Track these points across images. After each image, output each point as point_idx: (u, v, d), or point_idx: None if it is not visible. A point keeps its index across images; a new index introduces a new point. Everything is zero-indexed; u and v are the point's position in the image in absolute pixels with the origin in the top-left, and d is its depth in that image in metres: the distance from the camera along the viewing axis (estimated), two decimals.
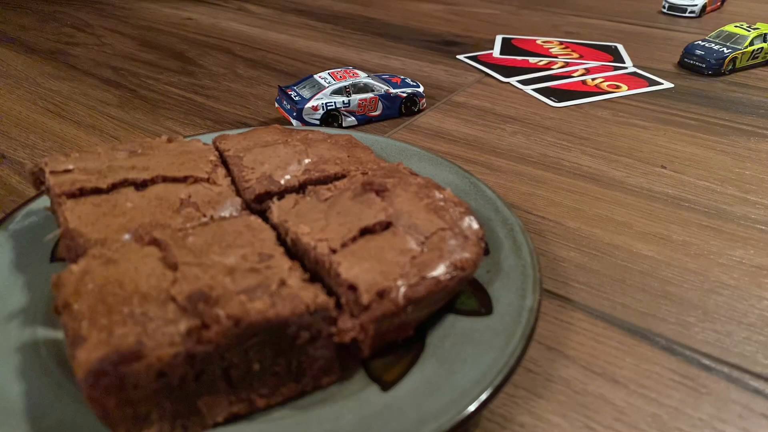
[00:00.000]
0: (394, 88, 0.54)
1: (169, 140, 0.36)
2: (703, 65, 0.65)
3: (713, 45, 0.67)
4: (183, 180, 0.32)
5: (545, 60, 0.69)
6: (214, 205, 0.30)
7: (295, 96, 0.52)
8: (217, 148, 0.37)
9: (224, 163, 0.36)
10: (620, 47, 0.74)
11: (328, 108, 0.51)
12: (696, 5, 0.89)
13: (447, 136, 0.52)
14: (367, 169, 0.34)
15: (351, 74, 0.53)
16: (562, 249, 0.38)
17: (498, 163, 0.48)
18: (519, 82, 0.63)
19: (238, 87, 0.62)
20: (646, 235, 0.39)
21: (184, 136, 0.38)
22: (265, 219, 0.31)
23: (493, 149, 0.50)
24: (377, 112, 0.53)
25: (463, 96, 0.60)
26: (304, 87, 0.53)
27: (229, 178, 0.33)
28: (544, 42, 0.75)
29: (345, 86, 0.51)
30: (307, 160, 0.34)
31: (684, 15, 0.89)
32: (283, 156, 0.35)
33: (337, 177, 0.33)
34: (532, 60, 0.69)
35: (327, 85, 0.51)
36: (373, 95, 0.52)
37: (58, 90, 0.61)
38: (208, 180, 0.32)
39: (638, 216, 0.41)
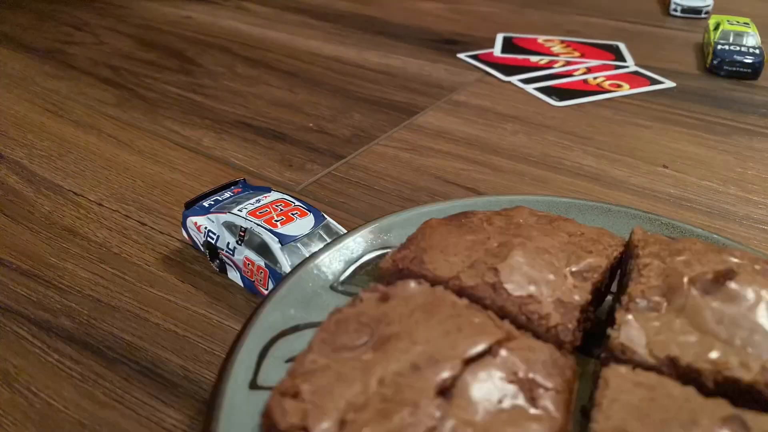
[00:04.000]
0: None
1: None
2: (750, 71, 0.64)
3: (741, 48, 0.65)
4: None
5: (546, 59, 0.69)
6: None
7: (209, 200, 0.38)
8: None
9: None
10: (622, 46, 0.73)
11: (208, 239, 0.35)
12: (709, 6, 0.88)
13: (447, 135, 0.52)
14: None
15: (279, 213, 0.35)
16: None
17: (499, 163, 0.47)
18: (520, 81, 0.63)
19: (238, 86, 0.62)
20: None
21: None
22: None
23: (494, 149, 0.50)
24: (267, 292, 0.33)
25: (464, 95, 0.60)
26: (241, 197, 0.37)
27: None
28: (545, 41, 0.75)
29: (241, 227, 0.34)
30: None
31: (699, 17, 0.87)
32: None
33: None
34: (533, 59, 0.69)
35: (234, 211, 0.35)
36: (263, 264, 0.33)
37: (56, 89, 0.61)
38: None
39: None
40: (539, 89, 0.61)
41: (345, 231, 0.35)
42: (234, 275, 0.35)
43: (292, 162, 0.48)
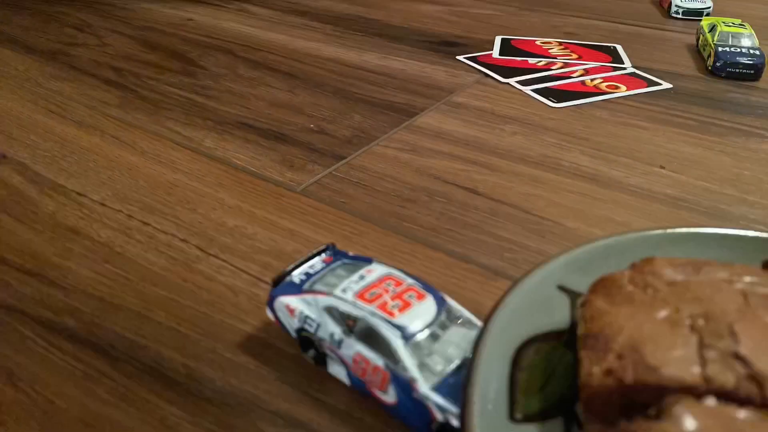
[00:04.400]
0: (427, 384, 0.26)
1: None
2: (752, 72, 0.64)
3: (741, 49, 0.66)
4: None
5: (544, 61, 0.69)
6: None
7: (299, 273, 0.31)
8: None
9: None
10: (619, 48, 0.74)
11: (306, 326, 0.29)
12: (710, 8, 0.88)
13: (447, 136, 0.52)
14: None
15: (392, 295, 0.28)
16: (562, 249, 0.38)
17: (498, 164, 0.48)
18: (518, 82, 0.63)
19: (239, 87, 0.62)
20: None
21: None
22: None
23: (493, 150, 0.50)
24: (387, 397, 0.27)
25: (463, 96, 0.60)
26: (336, 269, 0.31)
27: None
28: (543, 43, 0.76)
29: (350, 314, 0.28)
30: None
31: (700, 19, 0.87)
32: None
33: None
34: (532, 61, 0.69)
35: (337, 292, 0.29)
36: (382, 364, 0.27)
37: (59, 90, 0.61)
38: None
39: (637, 216, 0.41)
40: (537, 91, 0.61)
41: (467, 312, 0.29)
42: (338, 370, 0.29)
43: (293, 162, 0.48)
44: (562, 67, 0.67)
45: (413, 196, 0.44)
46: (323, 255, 0.32)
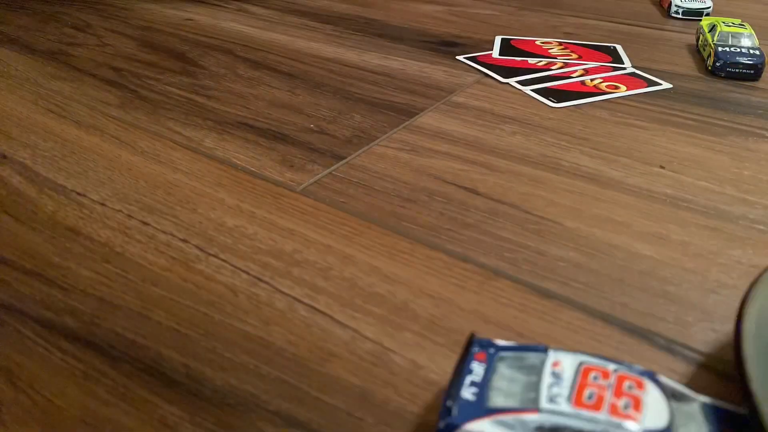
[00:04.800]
0: None
1: None
2: (752, 72, 0.64)
3: (741, 49, 0.66)
4: None
5: (544, 61, 0.69)
6: None
7: (466, 387, 0.25)
8: None
9: None
10: (619, 48, 0.74)
11: None
12: (710, 8, 0.88)
13: (446, 136, 0.52)
14: None
15: (613, 392, 0.24)
16: (561, 249, 0.38)
17: (497, 164, 0.48)
18: (518, 82, 0.63)
19: (239, 87, 0.62)
20: (645, 234, 0.39)
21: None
22: None
23: (492, 149, 0.50)
24: None
25: (463, 96, 0.60)
26: (497, 370, 0.25)
27: None
28: (543, 43, 0.76)
29: (581, 431, 0.23)
30: None
31: (700, 19, 0.88)
32: None
33: None
34: (531, 61, 0.69)
35: (545, 404, 0.23)
36: None
37: (59, 90, 0.61)
38: None
39: (637, 216, 0.41)
40: (537, 91, 0.61)
41: (671, 382, 0.25)
42: None
43: (293, 162, 0.48)
44: (561, 67, 0.67)
45: (413, 196, 0.44)
46: (473, 350, 0.27)
